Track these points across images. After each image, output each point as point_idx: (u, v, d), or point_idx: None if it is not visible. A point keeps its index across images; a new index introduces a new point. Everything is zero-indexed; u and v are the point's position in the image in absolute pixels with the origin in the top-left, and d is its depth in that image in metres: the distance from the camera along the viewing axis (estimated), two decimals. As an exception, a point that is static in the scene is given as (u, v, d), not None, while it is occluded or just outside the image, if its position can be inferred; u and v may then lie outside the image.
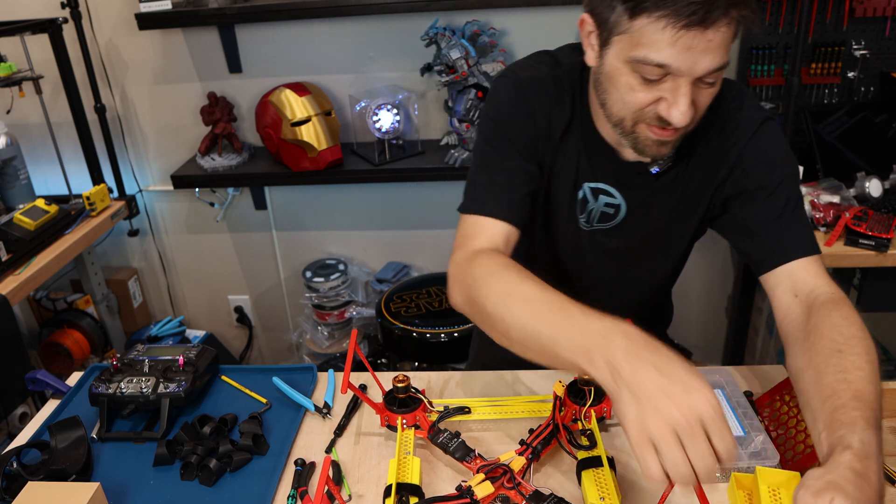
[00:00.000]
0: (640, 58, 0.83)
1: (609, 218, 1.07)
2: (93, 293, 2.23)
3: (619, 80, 0.88)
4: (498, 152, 1.00)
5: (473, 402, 1.05)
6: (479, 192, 1.00)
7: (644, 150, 0.94)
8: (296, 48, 2.13)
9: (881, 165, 1.89)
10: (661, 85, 0.85)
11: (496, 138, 1.01)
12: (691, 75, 0.83)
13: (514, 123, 1.00)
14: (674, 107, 0.85)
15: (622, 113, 0.91)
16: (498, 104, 1.02)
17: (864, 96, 1.98)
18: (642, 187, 1.05)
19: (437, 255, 2.42)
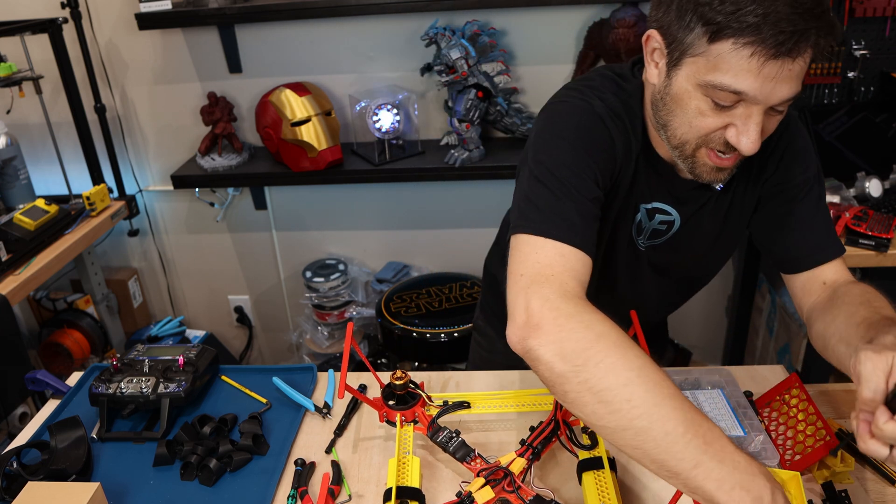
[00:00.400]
0: (716, 83, 0.79)
1: (660, 234, 1.04)
2: (93, 293, 2.23)
3: (689, 103, 0.84)
4: (578, 178, 0.89)
5: (473, 397, 1.04)
6: (563, 220, 0.86)
7: (700, 175, 0.91)
8: (296, 48, 2.13)
9: (881, 165, 1.89)
10: (732, 111, 0.82)
11: (577, 164, 0.90)
12: (766, 104, 0.80)
13: (596, 152, 0.91)
14: (744, 135, 0.82)
15: (686, 136, 0.87)
16: (576, 129, 0.92)
17: (864, 96, 1.98)
18: (697, 200, 1.02)
19: (437, 255, 2.42)
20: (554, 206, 0.87)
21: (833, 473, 0.92)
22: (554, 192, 0.88)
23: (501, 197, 2.26)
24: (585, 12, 2.00)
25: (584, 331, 0.75)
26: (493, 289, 1.30)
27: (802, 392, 0.99)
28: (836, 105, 1.97)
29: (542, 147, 0.92)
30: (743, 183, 1.02)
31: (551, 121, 0.94)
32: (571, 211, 0.86)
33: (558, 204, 0.87)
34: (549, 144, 0.92)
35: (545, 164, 0.90)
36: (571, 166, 0.89)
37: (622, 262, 1.06)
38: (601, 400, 0.71)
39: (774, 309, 2.11)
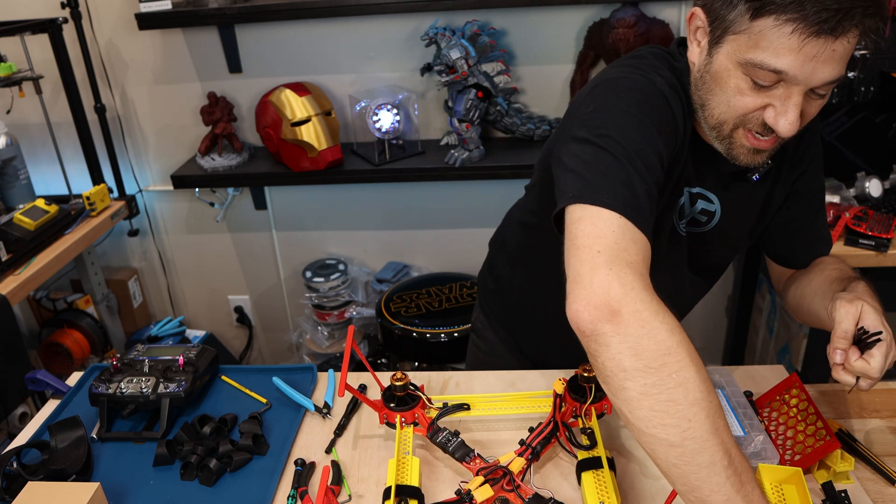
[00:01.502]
0: (756, 61, 0.78)
1: (700, 224, 1.02)
2: (93, 293, 2.23)
3: (728, 81, 0.83)
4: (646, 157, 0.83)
5: (473, 399, 1.04)
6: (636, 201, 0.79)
7: (737, 157, 0.90)
8: (296, 48, 2.13)
9: (881, 165, 1.89)
10: (771, 91, 0.81)
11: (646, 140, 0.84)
12: (807, 85, 0.79)
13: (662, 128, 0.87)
14: (782, 116, 0.81)
15: (724, 116, 0.86)
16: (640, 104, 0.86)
17: (864, 96, 1.98)
18: (738, 192, 1.01)
19: (437, 255, 2.42)
20: (626, 181, 0.80)
21: (833, 473, 0.92)
22: (624, 166, 0.80)
23: (501, 197, 2.25)
24: (585, 12, 2.00)
25: (666, 333, 0.71)
26: (498, 292, 1.29)
27: (802, 392, 0.99)
28: (836, 105, 1.97)
29: (607, 119, 0.85)
30: (781, 179, 1.04)
31: (613, 94, 0.88)
32: (642, 192, 0.80)
33: (629, 181, 0.80)
34: (616, 118, 0.85)
35: (612, 137, 0.82)
36: (640, 142, 0.83)
37: (664, 251, 1.02)
38: (661, 410, 0.69)
39: (774, 309, 2.11)
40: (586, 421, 0.96)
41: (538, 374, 1.16)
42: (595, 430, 0.95)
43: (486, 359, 1.35)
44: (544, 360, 1.25)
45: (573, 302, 0.74)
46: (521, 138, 2.12)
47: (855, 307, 0.88)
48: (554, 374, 1.12)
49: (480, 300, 1.37)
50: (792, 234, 1.10)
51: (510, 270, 1.25)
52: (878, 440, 1.01)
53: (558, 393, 0.98)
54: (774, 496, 0.84)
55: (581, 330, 0.74)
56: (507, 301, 1.27)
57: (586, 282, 0.74)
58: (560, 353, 1.21)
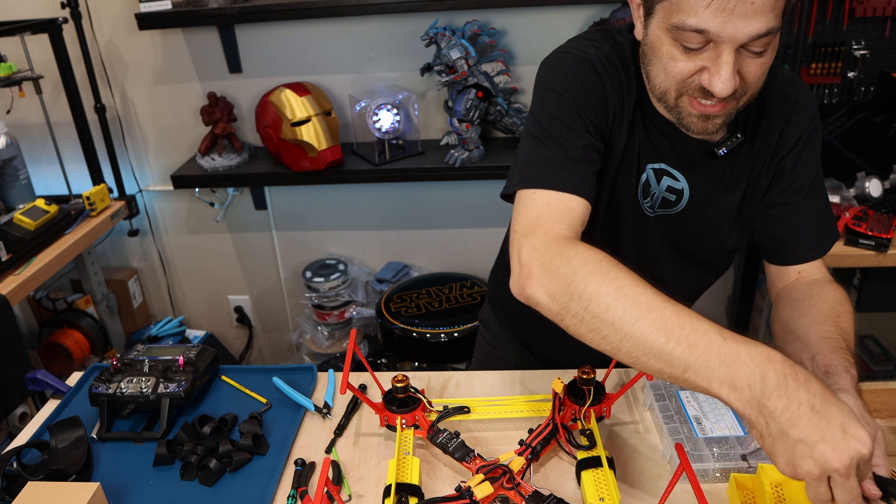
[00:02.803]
0: (678, 23, 0.80)
1: (671, 204, 1.02)
2: (93, 293, 2.24)
3: (661, 49, 0.85)
4: (567, 128, 0.91)
5: (473, 402, 1.04)
6: (551, 167, 0.89)
7: (689, 125, 0.91)
8: (296, 48, 2.13)
9: (881, 165, 1.89)
10: (702, 54, 0.82)
11: (566, 113, 0.92)
12: (734, 41, 0.79)
13: (586, 99, 0.93)
14: (715, 76, 0.82)
15: (665, 84, 0.88)
16: (566, 78, 0.94)
17: (864, 96, 1.98)
18: (707, 170, 1.00)
19: (437, 255, 2.42)
20: (543, 156, 0.90)
21: (833, 473, 0.92)
22: (544, 143, 0.91)
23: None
24: (585, 12, 2.00)
25: (564, 267, 0.79)
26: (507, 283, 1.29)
27: (802, 392, 0.98)
28: (836, 105, 1.97)
29: (536, 102, 0.95)
30: (761, 162, 1.01)
31: (544, 74, 0.97)
32: (559, 157, 0.89)
33: (547, 153, 0.90)
34: (542, 98, 0.95)
35: (538, 119, 0.93)
36: (561, 117, 0.91)
37: (627, 226, 1.04)
38: (591, 329, 0.76)
39: (774, 309, 2.11)
40: (585, 423, 0.97)
41: (538, 373, 1.16)
42: (594, 431, 0.95)
43: (491, 350, 1.36)
44: (547, 353, 1.26)
45: (510, 283, 0.86)
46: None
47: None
48: (554, 374, 1.12)
49: (490, 293, 1.39)
50: (771, 223, 1.04)
51: None
52: (878, 440, 1.01)
53: (557, 393, 0.98)
54: (774, 497, 0.84)
55: (522, 301, 0.84)
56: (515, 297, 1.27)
57: (511, 261, 0.86)
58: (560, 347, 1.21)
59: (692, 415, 0.97)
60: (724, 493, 0.91)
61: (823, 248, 1.03)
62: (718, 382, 0.68)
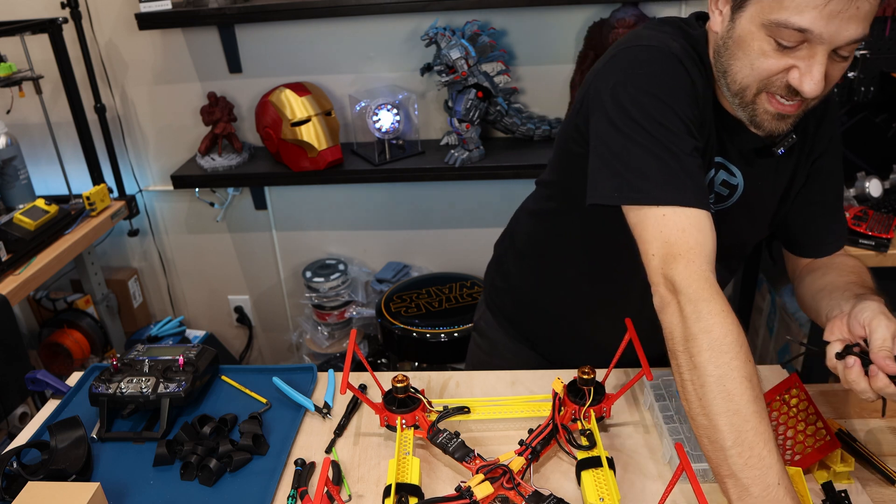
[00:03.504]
0: (781, 21, 0.78)
1: (722, 199, 1.01)
2: (93, 293, 2.23)
3: (752, 44, 0.83)
4: (673, 133, 0.86)
5: (473, 402, 1.04)
6: (670, 180, 0.84)
7: (761, 123, 0.89)
8: (296, 48, 2.13)
9: (881, 165, 1.89)
10: (795, 52, 0.81)
11: (667, 117, 0.86)
12: (831, 44, 0.78)
13: (682, 98, 0.88)
14: (807, 76, 0.81)
15: (747, 80, 0.86)
16: (656, 77, 0.88)
17: (864, 96, 1.98)
18: (761, 167, 0.99)
19: (437, 255, 2.42)
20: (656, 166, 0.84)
21: (833, 473, 0.92)
22: (654, 151, 0.85)
23: (501, 197, 2.26)
24: (585, 12, 2.00)
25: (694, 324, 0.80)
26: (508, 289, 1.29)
27: (802, 392, 0.99)
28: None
29: (630, 98, 0.88)
30: (800, 158, 1.02)
31: (632, 69, 0.90)
32: (677, 169, 0.84)
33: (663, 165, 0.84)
34: (636, 97, 0.87)
35: (636, 120, 0.86)
36: (663, 121, 0.86)
37: None
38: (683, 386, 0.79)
39: (774, 309, 2.11)
40: (585, 423, 0.97)
41: (538, 373, 1.16)
42: (594, 431, 0.95)
43: (487, 359, 1.35)
44: (558, 354, 1.25)
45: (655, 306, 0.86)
46: (521, 138, 2.12)
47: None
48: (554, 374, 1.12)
49: (487, 299, 1.36)
50: (808, 219, 1.07)
51: (520, 266, 1.24)
52: (878, 440, 1.01)
53: (557, 393, 0.98)
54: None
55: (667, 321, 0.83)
56: (518, 297, 1.27)
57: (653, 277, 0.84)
58: (574, 345, 1.21)
59: (692, 415, 0.96)
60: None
61: (844, 238, 1.10)
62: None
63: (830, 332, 0.89)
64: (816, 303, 1.00)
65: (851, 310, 0.87)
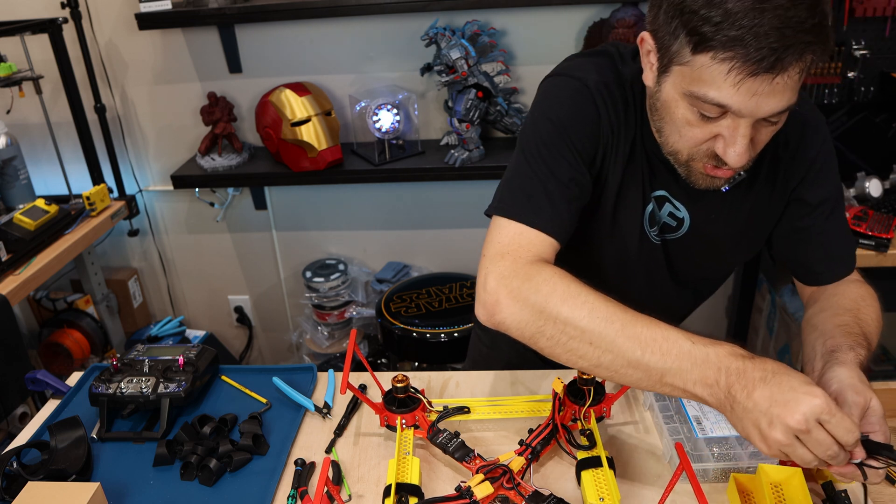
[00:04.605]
0: (699, 94, 0.78)
1: (671, 230, 1.02)
2: (93, 293, 2.24)
3: (676, 112, 0.83)
4: (554, 158, 0.91)
5: (473, 402, 1.05)
6: (530, 202, 0.90)
7: (696, 182, 0.90)
8: (296, 48, 2.13)
9: (881, 165, 1.89)
10: (719, 121, 0.81)
11: (554, 142, 0.91)
12: (753, 117, 0.78)
13: (578, 129, 0.92)
14: (731, 147, 0.81)
15: (677, 146, 0.87)
16: (561, 105, 0.93)
17: (864, 96, 1.98)
18: (708, 201, 0.99)
19: (437, 255, 2.42)
20: (524, 187, 0.91)
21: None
22: (528, 171, 0.92)
23: (501, 197, 2.26)
24: (585, 12, 2.00)
25: (534, 295, 0.81)
26: None
27: (802, 392, 0.98)
28: (836, 105, 1.97)
29: (529, 122, 0.96)
30: (767, 187, 1.00)
31: (544, 95, 0.97)
32: (539, 192, 0.90)
33: (527, 184, 0.91)
34: (535, 121, 0.95)
35: (528, 142, 0.94)
36: (549, 144, 0.91)
37: (633, 254, 1.02)
38: (568, 349, 0.80)
39: (774, 309, 2.11)
40: (585, 423, 0.97)
41: (538, 373, 1.16)
42: (594, 431, 0.95)
43: (488, 353, 1.35)
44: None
45: (475, 309, 0.87)
46: (521, 138, 2.12)
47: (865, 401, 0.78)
48: (554, 374, 1.12)
49: None
50: (802, 246, 1.04)
51: None
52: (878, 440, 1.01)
53: (557, 392, 0.98)
54: (774, 497, 0.84)
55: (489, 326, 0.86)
56: None
57: (478, 286, 0.88)
58: None
59: (692, 415, 0.97)
60: (724, 493, 0.91)
61: (851, 264, 1.04)
62: (693, 382, 0.74)
63: None
64: (805, 339, 0.97)
65: (821, 376, 0.84)
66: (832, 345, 0.89)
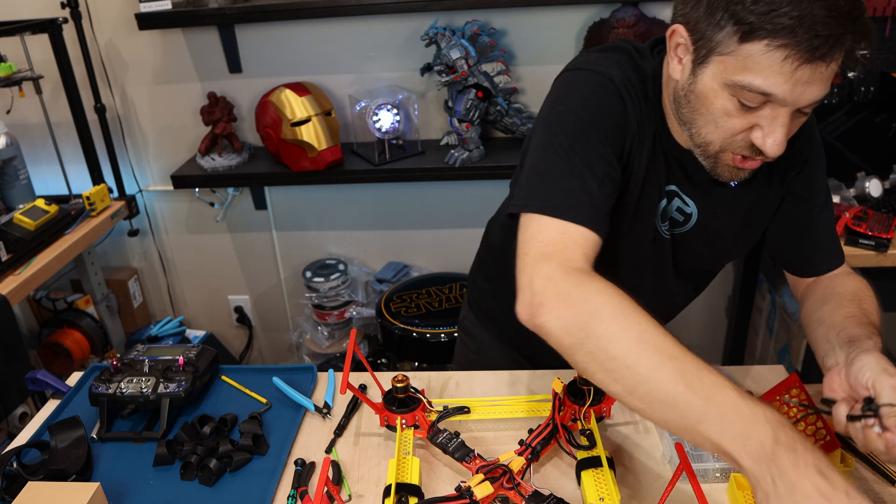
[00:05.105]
0: (745, 84, 0.78)
1: (678, 224, 1.02)
2: (93, 293, 2.24)
3: (714, 102, 0.83)
4: (587, 153, 0.87)
5: (473, 402, 1.05)
6: (570, 198, 0.85)
7: (721, 174, 0.90)
8: (296, 48, 2.13)
9: (881, 165, 1.89)
10: (758, 112, 0.81)
11: (586, 137, 0.88)
12: (795, 106, 0.79)
13: (607, 124, 0.89)
14: (770, 136, 0.81)
15: (711, 137, 0.86)
16: (588, 100, 0.90)
17: (864, 96, 1.98)
18: (716, 196, 1.00)
19: (437, 255, 2.42)
20: (561, 183, 0.86)
21: (833, 473, 0.92)
22: (561, 167, 0.87)
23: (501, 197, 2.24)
24: (585, 12, 2.00)
25: (583, 304, 0.77)
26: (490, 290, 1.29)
27: (802, 392, 0.99)
28: (836, 105, 1.97)
29: (555, 118, 0.90)
30: (766, 182, 1.02)
31: (566, 89, 0.92)
32: (578, 188, 0.85)
33: (564, 180, 0.86)
34: (561, 116, 0.90)
35: (555, 137, 0.88)
36: (579, 138, 0.87)
37: (645, 248, 1.02)
38: (605, 369, 0.74)
39: (774, 309, 2.11)
40: (585, 423, 0.97)
41: (538, 373, 1.16)
42: (594, 431, 0.95)
43: (475, 359, 1.34)
44: (540, 358, 1.25)
45: (516, 306, 0.82)
46: (521, 138, 2.12)
47: None
48: (554, 374, 1.12)
49: (470, 299, 1.36)
50: (797, 239, 1.07)
51: (497, 270, 1.25)
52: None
53: (557, 392, 0.98)
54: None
55: (529, 328, 0.81)
56: (498, 300, 1.27)
57: (520, 285, 0.82)
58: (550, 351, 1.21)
59: (692, 415, 0.96)
60: (724, 493, 0.91)
61: (843, 256, 1.07)
62: (731, 437, 0.68)
63: (830, 388, 0.85)
64: (813, 334, 0.98)
65: (849, 365, 0.84)
66: (848, 335, 0.89)
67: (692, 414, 0.69)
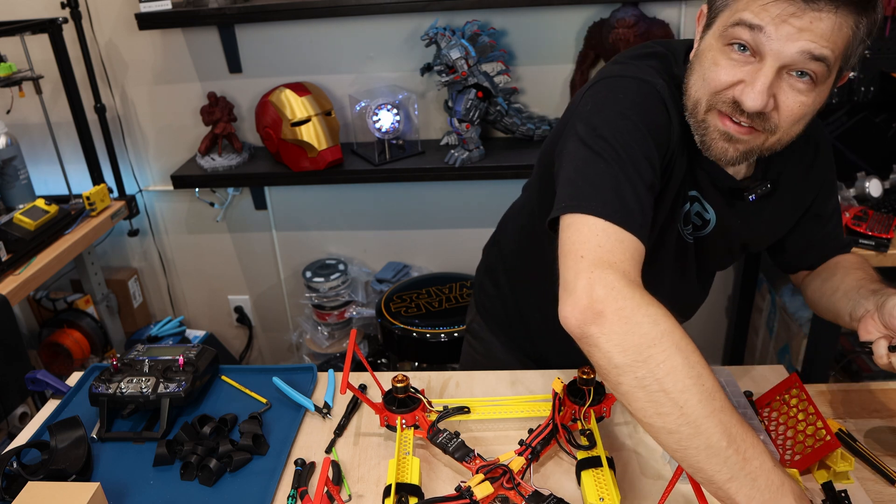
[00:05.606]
0: (735, 20, 0.81)
1: (698, 229, 1.04)
2: (93, 293, 2.24)
3: (707, 56, 0.86)
4: (638, 160, 0.85)
5: (473, 402, 1.05)
6: (625, 204, 0.82)
7: (710, 145, 0.89)
8: (296, 48, 2.13)
9: (881, 165, 1.89)
10: (744, 67, 0.83)
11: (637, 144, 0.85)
12: (779, 57, 0.79)
13: (655, 133, 0.88)
14: (749, 86, 0.82)
15: (699, 93, 0.88)
16: (636, 107, 0.88)
17: (864, 96, 1.98)
18: (734, 207, 1.02)
19: (437, 255, 2.42)
20: (614, 187, 0.82)
21: (833, 473, 0.92)
22: (613, 170, 0.83)
23: (501, 197, 2.25)
24: (585, 12, 2.00)
25: (649, 325, 0.73)
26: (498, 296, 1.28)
27: (802, 392, 0.99)
28: (836, 105, 1.97)
29: (604, 120, 0.87)
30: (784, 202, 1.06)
31: (613, 93, 0.90)
32: (630, 195, 0.82)
33: (618, 185, 0.83)
34: (611, 120, 0.87)
35: (607, 140, 0.85)
36: (633, 146, 0.85)
37: (669, 252, 1.03)
38: (654, 400, 0.71)
39: (774, 309, 2.11)
40: (585, 423, 0.97)
41: (538, 374, 1.16)
42: (594, 431, 0.95)
43: (482, 360, 1.34)
44: (547, 362, 1.25)
45: (562, 308, 0.78)
46: (521, 138, 2.12)
47: None
48: (554, 374, 1.12)
49: (477, 303, 1.36)
50: (807, 250, 1.14)
51: (508, 276, 1.25)
52: (878, 440, 1.01)
53: (557, 392, 0.98)
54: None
55: (573, 334, 0.77)
56: (506, 306, 1.27)
57: (572, 287, 0.77)
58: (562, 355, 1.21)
59: (692, 415, 0.97)
60: (724, 493, 0.90)
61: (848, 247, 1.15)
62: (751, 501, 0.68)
63: (866, 331, 0.92)
64: (833, 304, 1.03)
65: (879, 307, 0.91)
66: (869, 289, 0.97)
67: (726, 470, 0.69)
